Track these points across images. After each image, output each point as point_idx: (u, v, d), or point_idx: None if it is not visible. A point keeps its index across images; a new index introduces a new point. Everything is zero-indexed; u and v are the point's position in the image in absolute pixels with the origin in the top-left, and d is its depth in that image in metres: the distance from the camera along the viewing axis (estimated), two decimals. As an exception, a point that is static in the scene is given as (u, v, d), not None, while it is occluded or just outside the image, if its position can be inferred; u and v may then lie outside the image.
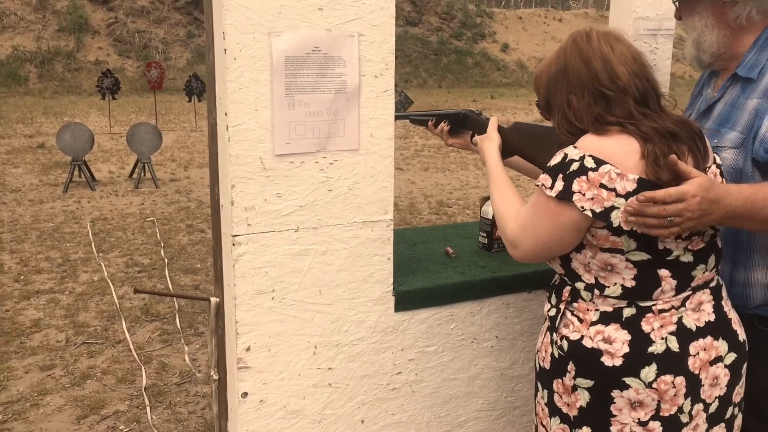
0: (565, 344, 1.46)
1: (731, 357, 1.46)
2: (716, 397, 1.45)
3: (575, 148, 1.38)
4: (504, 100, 21.97)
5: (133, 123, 10.31)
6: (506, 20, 32.50)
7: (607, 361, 1.40)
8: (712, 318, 1.45)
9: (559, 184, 1.37)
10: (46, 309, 4.57)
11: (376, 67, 1.65)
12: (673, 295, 1.41)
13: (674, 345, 1.39)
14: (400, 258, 1.97)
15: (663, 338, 1.39)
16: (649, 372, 1.38)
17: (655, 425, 1.40)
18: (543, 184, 1.41)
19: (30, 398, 3.41)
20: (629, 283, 1.40)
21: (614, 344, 1.40)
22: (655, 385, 1.38)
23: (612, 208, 1.33)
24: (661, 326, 1.40)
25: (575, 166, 1.35)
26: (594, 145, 1.36)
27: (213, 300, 1.86)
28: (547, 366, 1.52)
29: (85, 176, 8.40)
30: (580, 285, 1.45)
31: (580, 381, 1.44)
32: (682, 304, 1.42)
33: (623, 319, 1.41)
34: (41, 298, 4.78)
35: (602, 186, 1.33)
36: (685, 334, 1.41)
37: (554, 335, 1.49)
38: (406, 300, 1.80)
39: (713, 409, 1.45)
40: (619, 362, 1.39)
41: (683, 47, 1.84)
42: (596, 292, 1.43)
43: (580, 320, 1.45)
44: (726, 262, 1.61)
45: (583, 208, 1.35)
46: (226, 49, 1.49)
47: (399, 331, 1.81)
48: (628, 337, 1.40)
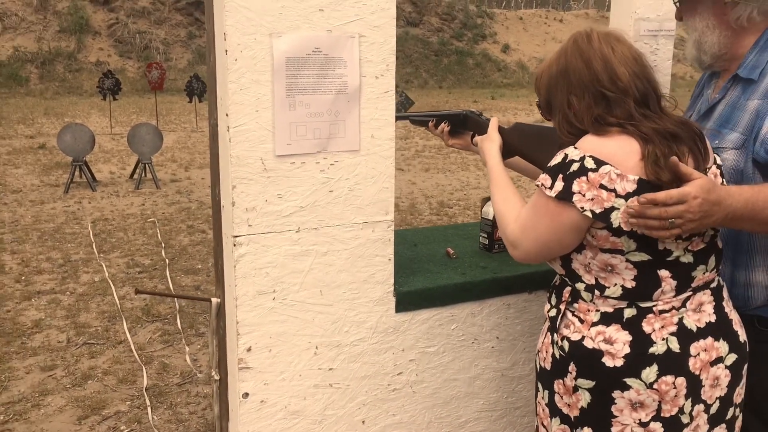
0: (566, 345, 1.46)
1: (732, 358, 1.46)
2: (717, 397, 1.45)
3: (575, 148, 1.38)
4: (504, 100, 21.98)
5: (134, 123, 10.33)
6: (507, 21, 32.53)
7: (608, 361, 1.40)
8: (713, 319, 1.45)
9: (559, 185, 1.37)
10: (47, 309, 4.57)
11: (376, 68, 1.65)
12: (674, 296, 1.41)
13: (675, 346, 1.39)
14: (401, 259, 1.97)
15: (664, 339, 1.39)
16: (650, 373, 1.38)
17: (656, 426, 1.40)
18: (543, 184, 1.41)
19: (31, 398, 3.41)
20: (629, 284, 1.40)
21: (615, 345, 1.40)
22: (656, 386, 1.38)
23: (612, 208, 1.33)
24: (662, 327, 1.40)
25: (575, 166, 1.36)
26: (594, 146, 1.36)
27: (214, 300, 1.86)
28: (548, 366, 1.52)
29: (86, 177, 8.41)
30: (580, 285, 1.45)
31: (581, 381, 1.44)
32: (683, 305, 1.42)
33: (624, 320, 1.41)
34: (42, 298, 4.78)
35: (602, 187, 1.33)
36: (685, 335, 1.41)
37: (555, 336, 1.49)
38: (407, 300, 1.80)
39: (714, 409, 1.45)
40: (620, 363, 1.39)
41: (684, 48, 1.84)
42: (596, 292, 1.43)
43: (581, 321, 1.45)
44: (726, 263, 1.61)
45: (582, 208, 1.35)
46: (227, 50, 1.50)
47: (400, 332, 1.81)
48: (629, 338, 1.40)
